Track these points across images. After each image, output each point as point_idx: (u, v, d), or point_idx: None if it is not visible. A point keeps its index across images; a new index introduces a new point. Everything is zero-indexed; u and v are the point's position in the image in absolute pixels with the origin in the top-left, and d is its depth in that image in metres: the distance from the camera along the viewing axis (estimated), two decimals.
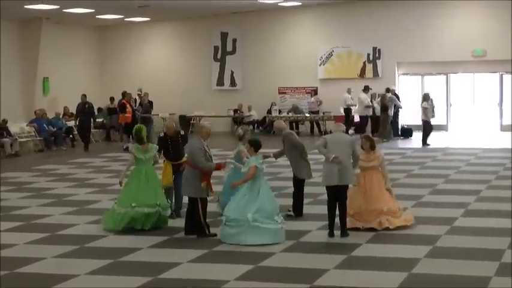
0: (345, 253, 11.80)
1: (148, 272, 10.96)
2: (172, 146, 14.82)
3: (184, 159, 14.33)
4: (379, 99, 31.58)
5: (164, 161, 14.85)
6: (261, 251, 12.00)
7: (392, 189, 13.82)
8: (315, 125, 33.92)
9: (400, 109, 31.63)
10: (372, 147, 13.53)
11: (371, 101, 32.07)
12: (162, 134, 15.11)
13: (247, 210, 12.47)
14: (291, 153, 14.90)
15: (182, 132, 15.62)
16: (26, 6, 29.42)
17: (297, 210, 14.78)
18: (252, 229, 12.41)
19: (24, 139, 29.27)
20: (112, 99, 33.18)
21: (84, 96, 29.82)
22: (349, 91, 32.24)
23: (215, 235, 12.96)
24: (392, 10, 33.43)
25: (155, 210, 13.73)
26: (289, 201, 15.00)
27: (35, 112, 30.67)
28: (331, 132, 30.58)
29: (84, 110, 29.32)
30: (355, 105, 32.14)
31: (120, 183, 14.22)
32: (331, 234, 12.90)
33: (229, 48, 36.40)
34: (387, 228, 13.18)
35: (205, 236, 12.99)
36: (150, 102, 31.59)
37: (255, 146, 13.18)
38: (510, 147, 25.65)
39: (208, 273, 10.90)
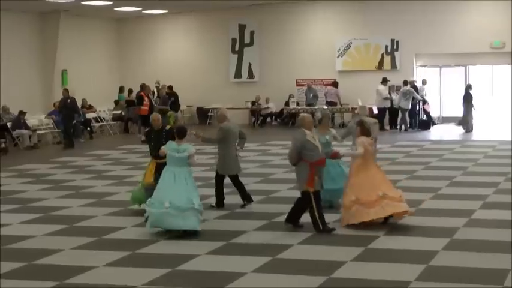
0: (362, 245, 11.78)
1: (166, 263, 10.99)
2: (155, 141, 14.04)
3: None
4: (398, 90, 31.59)
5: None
6: (278, 243, 12.01)
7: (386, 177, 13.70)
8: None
9: (419, 101, 31.54)
10: (367, 134, 13.45)
11: (389, 93, 31.99)
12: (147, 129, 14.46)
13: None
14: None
15: (168, 127, 14.39)
16: None
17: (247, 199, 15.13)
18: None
19: (43, 131, 29.39)
20: (130, 91, 33.25)
21: (65, 90, 28.54)
22: (407, 83, 31.74)
23: (333, 229, 12.77)
24: (410, 1, 33.26)
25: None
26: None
27: (54, 104, 30.76)
28: (345, 124, 30.90)
29: (67, 104, 28.00)
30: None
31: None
32: None
33: (247, 40, 36.37)
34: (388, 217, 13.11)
35: (320, 231, 12.68)
36: (176, 96, 31.71)
37: (179, 133, 13.09)
38: None
39: (226, 265, 10.91)
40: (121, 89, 33.81)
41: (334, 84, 33.82)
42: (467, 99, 29.86)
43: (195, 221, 12.68)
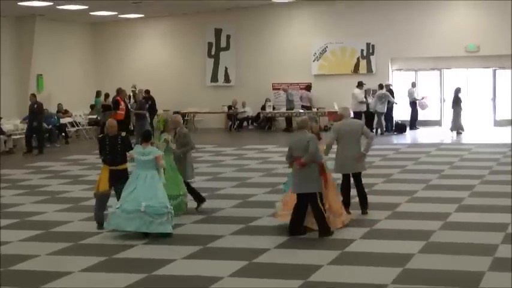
0: (339, 249, 11.82)
1: (143, 268, 10.97)
2: (109, 147, 13.69)
3: (123, 166, 13.62)
4: (374, 94, 31.73)
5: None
6: (254, 247, 12.01)
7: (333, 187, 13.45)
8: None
9: (394, 105, 31.71)
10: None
11: (365, 97, 32.09)
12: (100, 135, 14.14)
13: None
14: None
15: (123, 134, 14.12)
16: (19, 3, 29.37)
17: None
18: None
19: (18, 136, 29.24)
20: (107, 95, 33.12)
21: (33, 95, 28.12)
22: (385, 87, 31.92)
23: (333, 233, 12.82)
24: (385, 6, 33.45)
25: (177, 203, 14.36)
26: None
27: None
28: (326, 128, 30.96)
29: (33, 110, 27.59)
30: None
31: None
32: None
33: (223, 44, 36.39)
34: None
35: (330, 234, 12.71)
36: (153, 100, 31.64)
37: (145, 137, 13.44)
38: (504, 142, 25.75)
39: (203, 270, 10.91)
40: (98, 94, 33.69)
41: (307, 88, 33.97)
42: (457, 102, 30.03)
43: (141, 223, 12.86)
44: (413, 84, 33.04)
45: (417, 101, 32.78)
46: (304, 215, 12.80)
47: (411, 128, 32.40)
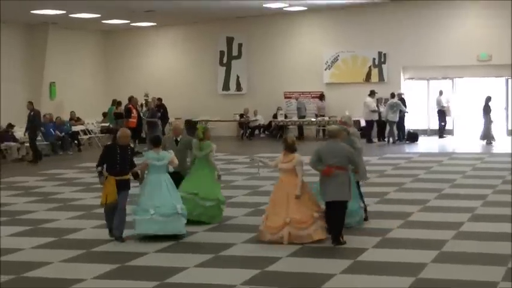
0: (351, 258, 11.79)
1: (155, 276, 10.97)
2: (120, 157, 13.31)
3: (128, 176, 13.40)
4: (386, 103, 31.72)
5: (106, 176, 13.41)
6: (267, 256, 12.00)
7: (308, 197, 13.03)
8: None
9: (406, 114, 31.65)
10: (289, 150, 13.12)
11: (377, 106, 32.06)
12: (109, 142, 13.90)
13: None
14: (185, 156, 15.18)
15: (132, 145, 14.30)
16: (32, 11, 29.52)
17: None
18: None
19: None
20: (119, 103, 33.19)
21: (30, 103, 27.90)
22: (397, 95, 31.89)
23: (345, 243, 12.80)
24: (397, 15, 33.44)
25: (214, 204, 14.60)
26: None
27: (44, 116, 30.65)
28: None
29: (30, 117, 27.32)
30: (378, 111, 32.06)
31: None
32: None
33: (234, 52, 36.43)
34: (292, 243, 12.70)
35: (344, 243, 12.74)
36: (165, 108, 31.69)
37: (155, 142, 13.64)
38: None
39: (215, 278, 10.90)
40: (113, 102, 33.70)
41: (320, 97, 33.98)
42: (487, 111, 29.97)
43: (180, 225, 13.33)
44: (441, 93, 32.83)
45: (445, 109, 32.62)
46: (342, 220, 12.89)
47: (440, 137, 32.28)
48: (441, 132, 32.63)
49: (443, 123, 32.76)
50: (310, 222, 12.77)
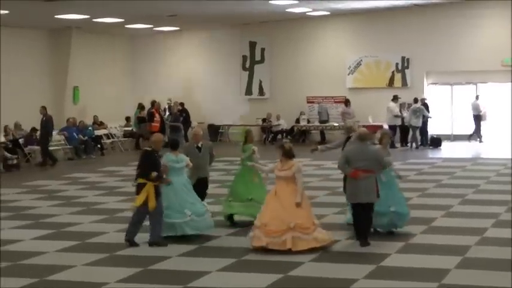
0: (374, 263, 11.76)
1: (178, 280, 10.99)
2: (159, 163, 13.38)
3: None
4: (409, 108, 31.64)
5: (137, 182, 13.41)
6: (289, 260, 11.99)
7: (307, 204, 12.91)
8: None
9: (429, 119, 31.53)
10: (287, 156, 12.94)
11: (400, 111, 31.96)
12: (148, 148, 13.59)
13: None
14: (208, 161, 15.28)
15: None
16: (56, 16, 29.68)
17: None
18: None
19: (55, 147, 29.45)
20: (142, 108, 33.32)
21: (43, 108, 27.85)
22: (420, 100, 31.75)
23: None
24: (421, 19, 33.35)
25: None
26: (320, 211, 15.05)
27: (68, 120, 30.82)
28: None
29: (42, 122, 27.53)
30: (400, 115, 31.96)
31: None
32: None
33: (257, 57, 36.46)
34: (290, 250, 12.39)
35: (368, 244, 12.93)
36: (187, 112, 31.76)
37: (174, 145, 13.99)
38: None
39: (238, 282, 10.91)
40: (139, 106, 33.81)
41: (346, 102, 33.85)
42: None
43: (211, 223, 13.88)
44: (477, 97, 32.71)
45: (481, 114, 32.49)
46: (370, 221, 13.08)
47: (480, 141, 32.20)
48: (478, 136, 32.49)
49: (478, 128, 32.62)
50: (313, 229, 12.66)
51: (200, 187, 14.69)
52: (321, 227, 12.91)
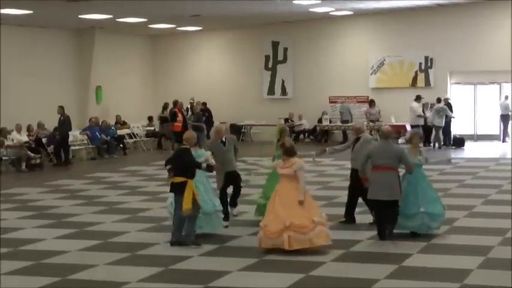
0: (396, 263, 11.72)
1: (199, 280, 10.99)
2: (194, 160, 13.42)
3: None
4: (432, 108, 31.53)
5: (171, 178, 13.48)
6: (311, 260, 11.97)
7: (309, 202, 12.79)
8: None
9: (452, 119, 31.41)
10: (288, 154, 12.89)
11: (423, 111, 31.85)
12: (184, 146, 13.54)
13: None
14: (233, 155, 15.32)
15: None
16: (80, 16, 29.82)
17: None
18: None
19: (77, 147, 29.60)
20: (165, 107, 33.39)
21: (60, 108, 28.08)
22: (444, 100, 31.81)
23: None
24: (444, 19, 33.21)
25: None
26: (342, 211, 15.04)
27: (90, 120, 30.95)
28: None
29: (59, 123, 27.87)
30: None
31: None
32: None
33: (280, 57, 36.45)
34: (285, 250, 12.34)
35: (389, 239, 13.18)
36: (209, 112, 31.80)
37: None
38: None
39: (259, 282, 10.90)
40: (164, 105, 33.89)
41: (370, 103, 33.77)
42: None
43: (217, 223, 13.84)
44: (506, 97, 32.58)
45: (510, 113, 32.35)
46: (393, 219, 13.27)
47: (503, 141, 32.15)
48: (504, 136, 32.37)
49: (505, 129, 32.49)
50: (312, 227, 12.48)
51: (232, 181, 14.86)
52: (326, 225, 12.74)
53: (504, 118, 32.53)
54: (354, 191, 14.67)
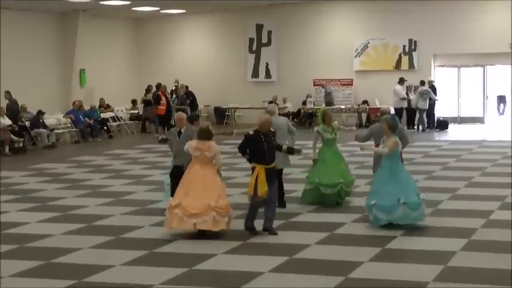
0: (380, 246, 11.75)
1: (183, 263, 10.99)
2: (268, 144, 12.67)
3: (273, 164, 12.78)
4: (415, 91, 31.60)
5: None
6: (295, 243, 11.99)
7: (217, 187, 12.55)
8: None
9: (436, 101, 31.49)
10: (204, 138, 12.61)
11: (407, 93, 31.92)
12: (251, 132, 12.81)
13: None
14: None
15: (272, 130, 12.99)
16: None
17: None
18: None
19: (61, 130, 29.50)
20: (148, 90, 33.30)
21: (7, 93, 28.21)
22: (428, 83, 31.78)
23: None
24: (428, 1, 33.19)
25: (336, 191, 14.91)
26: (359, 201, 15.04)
27: (74, 103, 30.84)
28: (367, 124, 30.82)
29: (7, 107, 27.75)
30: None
31: (314, 160, 15.26)
32: None
33: (264, 40, 36.37)
34: (210, 232, 12.32)
35: None
36: (193, 95, 31.70)
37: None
38: None
39: (243, 265, 10.91)
40: (148, 88, 33.78)
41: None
42: None
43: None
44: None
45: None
46: None
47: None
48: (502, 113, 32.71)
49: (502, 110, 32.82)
50: (204, 212, 12.28)
51: (176, 176, 13.82)
52: (224, 213, 12.45)
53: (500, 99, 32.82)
54: None
